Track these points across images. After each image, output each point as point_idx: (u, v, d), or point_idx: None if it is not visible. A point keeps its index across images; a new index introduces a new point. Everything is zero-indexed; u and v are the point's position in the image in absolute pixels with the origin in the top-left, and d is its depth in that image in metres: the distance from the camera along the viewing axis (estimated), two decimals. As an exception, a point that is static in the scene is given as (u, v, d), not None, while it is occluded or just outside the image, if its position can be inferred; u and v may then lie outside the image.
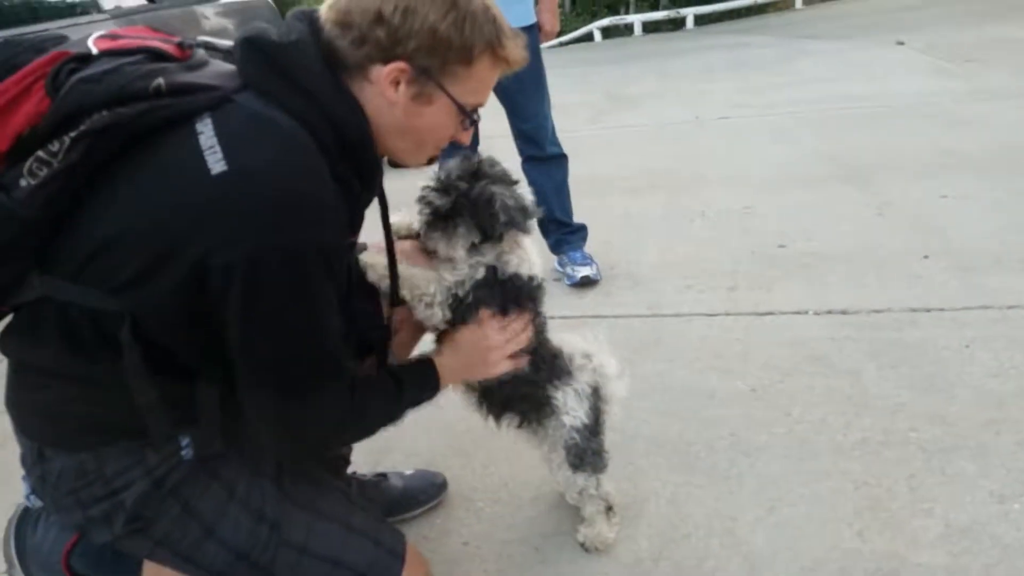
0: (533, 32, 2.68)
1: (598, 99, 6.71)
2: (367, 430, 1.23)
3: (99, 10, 3.82)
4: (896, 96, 5.43)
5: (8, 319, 1.13)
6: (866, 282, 2.57)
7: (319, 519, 1.23)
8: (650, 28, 13.67)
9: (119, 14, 3.91)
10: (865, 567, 1.42)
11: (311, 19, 1.09)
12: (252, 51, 1.05)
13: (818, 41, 9.28)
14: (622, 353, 1.56)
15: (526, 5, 2.63)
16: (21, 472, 1.19)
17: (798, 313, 2.43)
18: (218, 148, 0.96)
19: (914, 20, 10.42)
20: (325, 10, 1.08)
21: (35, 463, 1.14)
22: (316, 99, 1.03)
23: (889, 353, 2.12)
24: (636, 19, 13.73)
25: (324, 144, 1.03)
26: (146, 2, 4.18)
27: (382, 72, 1.06)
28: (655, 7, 14.96)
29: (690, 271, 2.81)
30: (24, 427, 1.15)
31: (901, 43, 7.85)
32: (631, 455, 1.80)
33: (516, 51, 1.13)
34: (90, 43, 1.04)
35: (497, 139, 2.77)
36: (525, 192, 1.34)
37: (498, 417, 1.50)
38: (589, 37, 13.48)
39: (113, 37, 1.07)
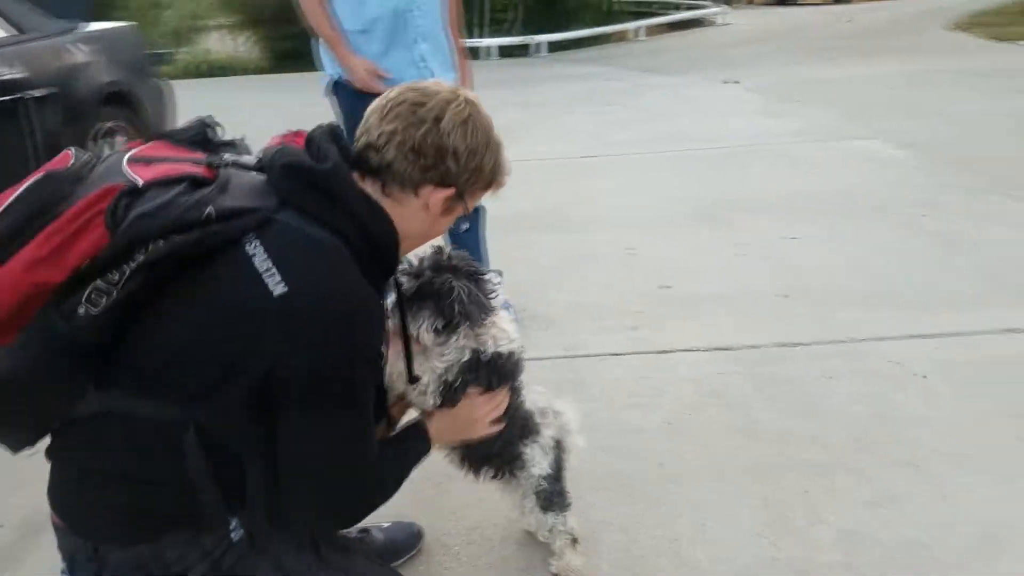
0: None
1: (470, 130, 7.00)
2: (385, 497, 1.39)
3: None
4: (738, 136, 6.15)
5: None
6: (740, 320, 3.02)
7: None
8: (504, 52, 14.20)
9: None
10: (784, 570, 1.78)
11: (339, 143, 1.25)
12: (294, 175, 1.18)
13: (660, 75, 10.14)
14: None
15: (454, 74, 2.88)
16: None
17: (690, 351, 2.81)
18: (275, 270, 1.09)
19: (737, 58, 11.61)
20: (395, 131, 1.22)
21: (89, 560, 1.22)
22: (357, 217, 1.19)
23: (769, 386, 2.54)
24: (493, 43, 14.19)
25: (359, 254, 1.19)
26: (15, 33, 3.97)
27: (434, 192, 1.26)
28: (501, 30, 15.51)
29: (595, 312, 3.15)
30: (77, 527, 1.23)
31: (736, 82, 8.77)
32: (579, 491, 2.05)
33: (506, 180, 1.39)
34: (126, 169, 1.13)
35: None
36: (490, 285, 1.56)
37: (477, 471, 1.72)
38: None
39: (147, 161, 1.17)
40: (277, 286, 1.08)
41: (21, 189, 1.11)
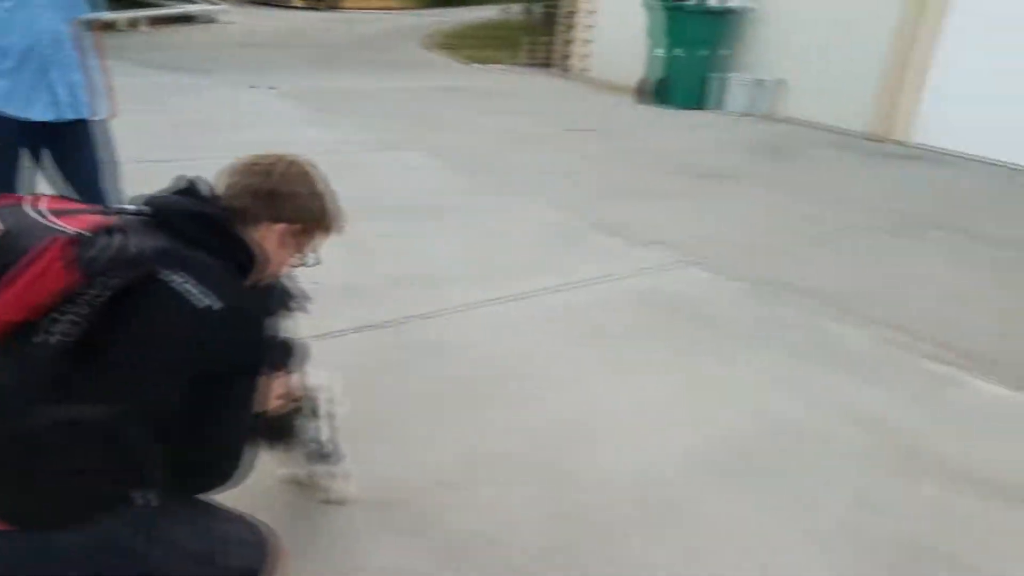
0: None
1: None
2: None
3: None
4: (296, 145, 6.60)
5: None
6: (383, 302, 3.80)
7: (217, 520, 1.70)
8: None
9: None
10: (506, 458, 2.65)
11: (213, 191, 1.65)
12: (192, 219, 1.53)
13: (182, 75, 10.02)
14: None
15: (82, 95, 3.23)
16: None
17: (349, 332, 3.49)
18: (199, 290, 1.42)
19: (255, 61, 12.04)
20: (245, 183, 1.64)
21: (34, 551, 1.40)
22: (237, 246, 1.59)
23: (425, 353, 3.37)
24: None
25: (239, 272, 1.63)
26: None
27: (271, 227, 1.69)
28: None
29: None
30: (29, 524, 1.38)
31: (272, 88, 9.27)
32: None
33: (341, 226, 1.96)
34: (58, 222, 1.39)
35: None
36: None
37: (273, 446, 2.21)
38: None
39: (65, 213, 1.43)
40: (203, 301, 1.42)
41: None
